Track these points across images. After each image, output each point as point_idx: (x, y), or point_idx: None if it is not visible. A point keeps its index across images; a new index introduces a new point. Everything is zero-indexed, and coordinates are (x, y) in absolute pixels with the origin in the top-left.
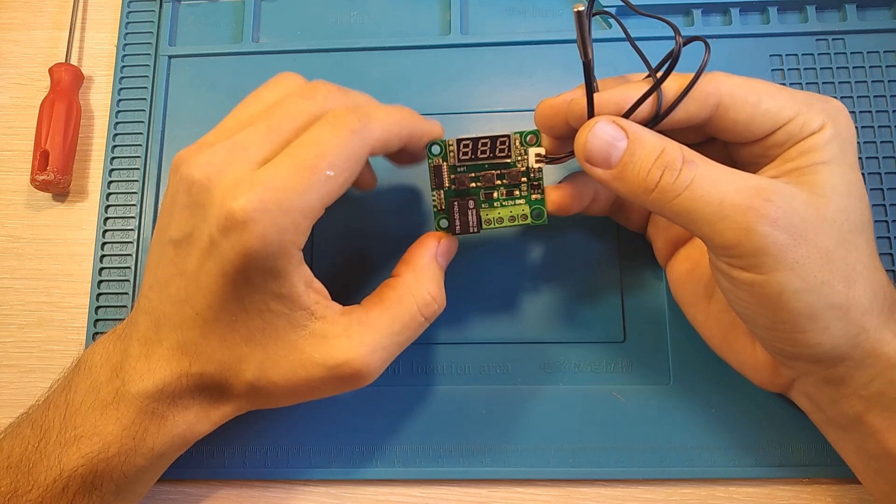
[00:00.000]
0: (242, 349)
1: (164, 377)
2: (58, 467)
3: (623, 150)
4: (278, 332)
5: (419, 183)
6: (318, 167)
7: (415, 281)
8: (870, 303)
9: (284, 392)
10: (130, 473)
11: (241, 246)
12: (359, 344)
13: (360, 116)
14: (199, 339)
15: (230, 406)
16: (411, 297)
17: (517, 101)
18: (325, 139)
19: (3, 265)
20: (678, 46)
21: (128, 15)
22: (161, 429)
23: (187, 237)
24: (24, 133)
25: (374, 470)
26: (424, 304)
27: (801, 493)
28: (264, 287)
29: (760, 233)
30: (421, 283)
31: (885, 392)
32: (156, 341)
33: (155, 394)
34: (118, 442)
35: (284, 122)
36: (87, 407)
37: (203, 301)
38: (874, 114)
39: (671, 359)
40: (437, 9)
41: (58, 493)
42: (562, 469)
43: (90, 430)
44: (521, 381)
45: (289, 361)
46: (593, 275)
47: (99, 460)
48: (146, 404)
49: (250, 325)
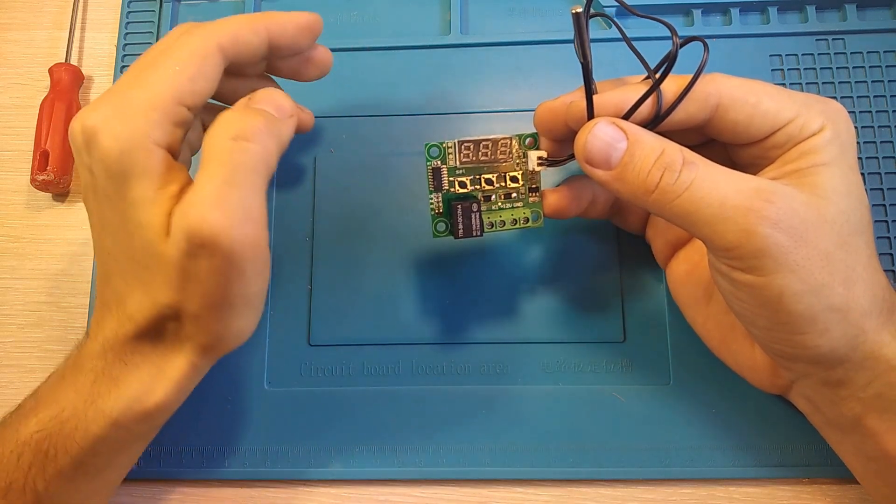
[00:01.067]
0: (145, 281)
1: (104, 334)
2: (15, 437)
3: (623, 151)
4: (154, 248)
5: (418, 184)
6: (159, 63)
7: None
8: (869, 305)
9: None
10: (86, 443)
11: (100, 152)
12: (194, 205)
13: (200, 22)
14: (120, 285)
15: (179, 356)
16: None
17: (517, 101)
18: (167, 43)
19: (3, 265)
20: (675, 47)
21: (128, 15)
22: (113, 391)
23: (84, 187)
24: (24, 133)
25: (374, 470)
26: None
27: (801, 493)
28: (132, 197)
29: (761, 234)
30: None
31: (884, 394)
32: (100, 305)
33: (100, 352)
34: (71, 405)
35: (142, 58)
36: (52, 381)
37: (111, 241)
38: (874, 114)
39: (671, 359)
40: (437, 9)
41: (13, 463)
42: (562, 469)
43: (50, 398)
44: (521, 381)
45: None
46: (593, 275)
47: (53, 426)
48: (94, 364)
49: (136, 249)
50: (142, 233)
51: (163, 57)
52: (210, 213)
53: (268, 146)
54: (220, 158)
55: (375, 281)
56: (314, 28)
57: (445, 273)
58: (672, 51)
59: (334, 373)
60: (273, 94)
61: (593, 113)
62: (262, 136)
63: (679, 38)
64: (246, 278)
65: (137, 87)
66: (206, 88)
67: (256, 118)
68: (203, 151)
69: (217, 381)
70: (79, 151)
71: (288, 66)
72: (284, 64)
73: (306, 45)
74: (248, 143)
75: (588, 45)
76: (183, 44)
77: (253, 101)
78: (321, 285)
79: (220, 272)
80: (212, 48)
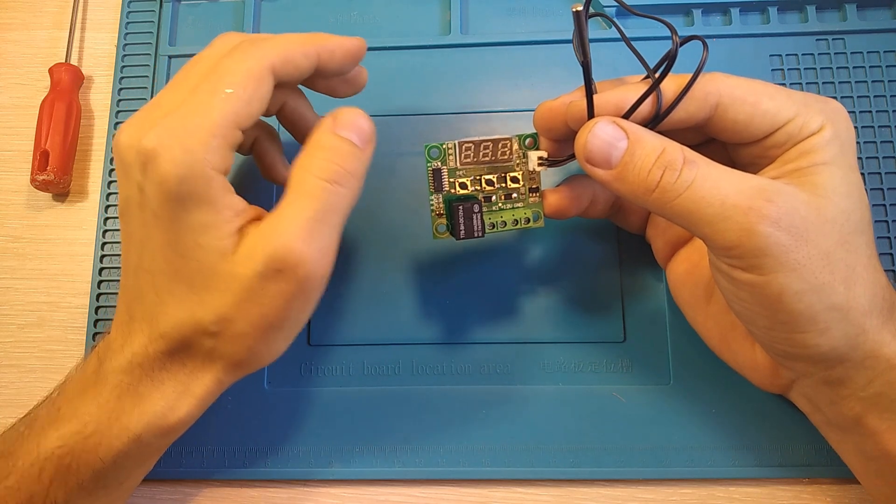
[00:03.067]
0: (191, 298)
1: (132, 349)
2: (36, 451)
3: (623, 150)
4: (214, 268)
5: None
6: (215, 88)
7: (306, 157)
8: (869, 304)
9: (246, 326)
10: (108, 457)
11: (158, 175)
12: (276, 236)
13: (253, 39)
14: (154, 301)
15: (207, 373)
16: (307, 174)
17: (517, 101)
18: (220, 65)
19: (3, 265)
20: (675, 46)
21: (128, 15)
22: (137, 406)
23: (126, 200)
24: (24, 133)
25: (374, 470)
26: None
27: (801, 493)
28: (190, 222)
29: (762, 233)
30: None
31: (885, 393)
32: (127, 319)
33: (126, 367)
34: (94, 421)
35: (191, 72)
36: (71, 392)
37: (149, 259)
38: (874, 114)
39: (671, 359)
40: (437, 9)
41: (34, 476)
42: (562, 469)
43: (70, 412)
44: (521, 381)
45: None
46: (593, 275)
47: (76, 441)
48: (120, 379)
49: (189, 268)
50: (200, 254)
51: (216, 77)
52: (297, 243)
53: (354, 189)
54: (314, 195)
55: (375, 281)
56: (361, 54)
57: (445, 273)
58: (672, 49)
59: (334, 373)
60: (357, 117)
61: (593, 112)
62: (353, 180)
63: (679, 38)
64: (306, 307)
65: (195, 111)
66: (260, 109)
67: (351, 161)
68: (294, 181)
69: None
70: (128, 167)
71: (326, 84)
72: (323, 83)
73: (351, 68)
74: (341, 189)
75: (588, 45)
76: (237, 64)
77: (338, 124)
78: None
79: (288, 297)
80: (266, 70)
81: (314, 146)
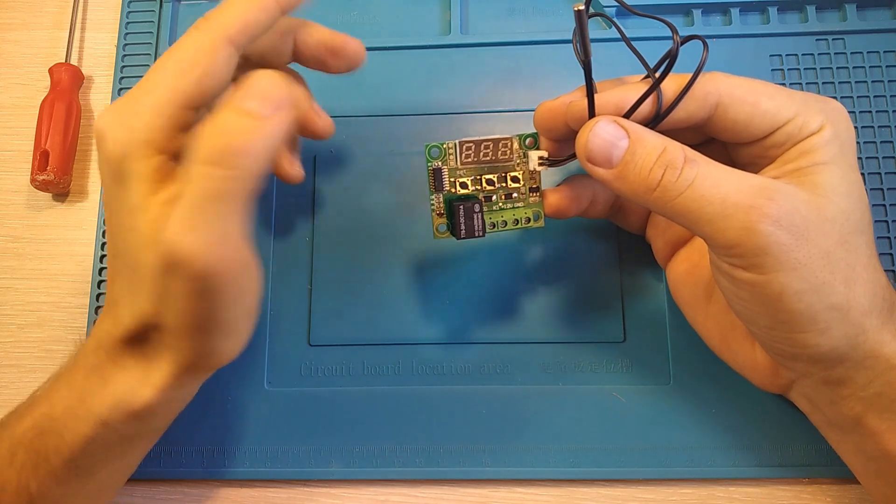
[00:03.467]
0: (132, 287)
1: (99, 332)
2: (10, 435)
3: (624, 149)
4: (138, 256)
5: (419, 184)
6: (164, 66)
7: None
8: (869, 304)
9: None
10: (76, 444)
11: (104, 154)
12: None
13: (210, 13)
14: (118, 285)
15: (163, 364)
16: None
17: (517, 101)
18: (176, 45)
19: (3, 265)
20: (676, 45)
21: (128, 15)
22: (102, 389)
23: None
24: (24, 133)
25: (374, 470)
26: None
27: (801, 493)
28: (127, 202)
29: (763, 232)
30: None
31: (885, 393)
32: (105, 305)
33: (94, 349)
34: (63, 402)
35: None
36: (50, 379)
37: (111, 243)
38: (874, 114)
39: (671, 359)
40: (437, 9)
41: (7, 461)
42: (562, 469)
43: (44, 395)
44: (521, 381)
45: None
46: (593, 275)
47: (44, 422)
48: (87, 361)
49: (128, 254)
50: (132, 237)
51: (167, 56)
52: (182, 236)
53: (248, 168)
54: (192, 181)
55: (375, 281)
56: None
57: (445, 273)
58: (673, 49)
59: (334, 373)
60: (261, 80)
61: (594, 112)
62: (241, 159)
63: (679, 37)
64: (226, 302)
65: (144, 91)
66: (218, 84)
67: (240, 138)
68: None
69: (217, 381)
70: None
71: (313, 54)
72: (309, 52)
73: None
74: (223, 171)
75: (589, 44)
76: (189, 40)
77: (239, 93)
78: (321, 285)
79: (196, 295)
80: (220, 42)
81: (205, 123)
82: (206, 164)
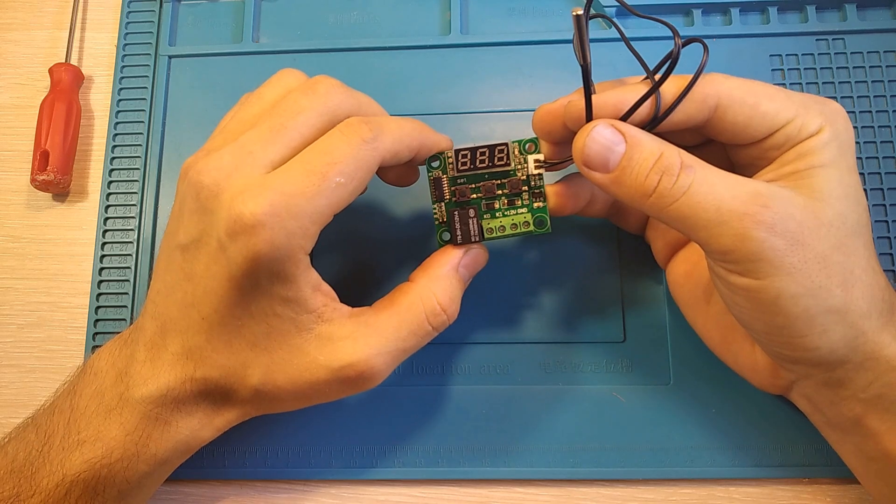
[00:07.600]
0: (248, 354)
1: (168, 382)
2: (60, 472)
3: (621, 154)
4: (284, 336)
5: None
6: (328, 174)
7: (427, 288)
8: (868, 306)
9: (289, 396)
10: (133, 479)
11: (249, 250)
12: (364, 346)
13: (372, 127)
14: (204, 344)
15: (234, 412)
16: (420, 304)
17: (517, 101)
18: (336, 147)
19: (3, 265)
20: (677, 47)
21: (128, 15)
22: (164, 434)
23: (195, 242)
24: (24, 133)
25: (374, 470)
26: (433, 314)
27: (801, 493)
28: (271, 291)
29: (757, 238)
30: (433, 290)
31: (885, 394)
32: (161, 346)
33: (159, 399)
34: (121, 447)
35: (287, 121)
36: (91, 412)
37: (209, 305)
38: (874, 114)
39: (671, 359)
40: (437, 9)
41: (60, 497)
42: (562, 469)
43: (93, 434)
44: (521, 381)
45: (294, 365)
46: (593, 275)
47: (102, 465)
48: (150, 409)
49: (255, 329)
50: (275, 322)
51: (330, 160)
52: (381, 365)
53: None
54: (416, 332)
55: (375, 281)
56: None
57: None
58: (674, 51)
59: None
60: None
61: (592, 115)
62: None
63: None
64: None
65: (303, 194)
66: (357, 195)
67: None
68: (405, 300)
69: None
70: (208, 213)
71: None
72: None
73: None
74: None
75: (588, 47)
76: (355, 151)
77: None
78: None
79: (344, 393)
80: (377, 163)
81: (442, 281)
82: (433, 326)
